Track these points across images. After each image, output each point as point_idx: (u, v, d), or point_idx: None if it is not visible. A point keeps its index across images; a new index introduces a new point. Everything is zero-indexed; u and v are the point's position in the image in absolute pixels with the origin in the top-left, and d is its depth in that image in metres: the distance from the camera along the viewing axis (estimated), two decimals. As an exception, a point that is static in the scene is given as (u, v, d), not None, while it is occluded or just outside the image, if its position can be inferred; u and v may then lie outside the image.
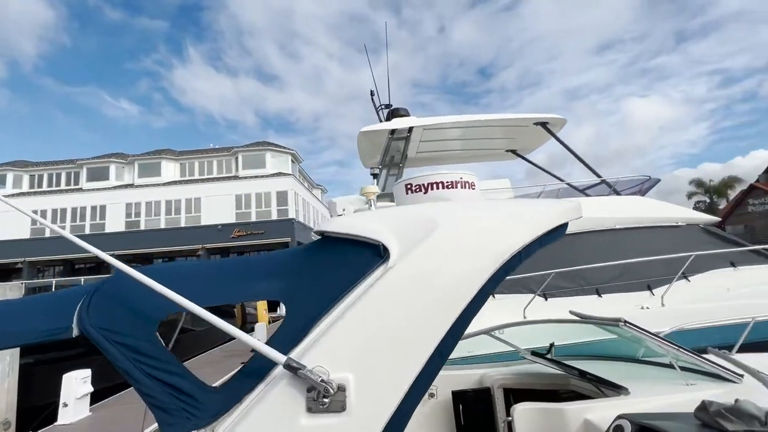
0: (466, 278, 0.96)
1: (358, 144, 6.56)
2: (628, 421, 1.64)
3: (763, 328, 3.49)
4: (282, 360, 0.88)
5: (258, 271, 1.30)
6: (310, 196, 28.21)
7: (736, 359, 1.68)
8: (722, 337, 3.59)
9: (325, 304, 1.03)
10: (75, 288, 1.35)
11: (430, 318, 0.93)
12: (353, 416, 0.85)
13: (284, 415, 0.87)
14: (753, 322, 3.35)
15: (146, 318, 1.11)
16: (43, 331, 1.14)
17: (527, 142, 7.45)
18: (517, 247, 1.01)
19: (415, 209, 1.22)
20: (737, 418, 1.37)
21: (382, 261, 1.05)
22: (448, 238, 1.03)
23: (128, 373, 1.00)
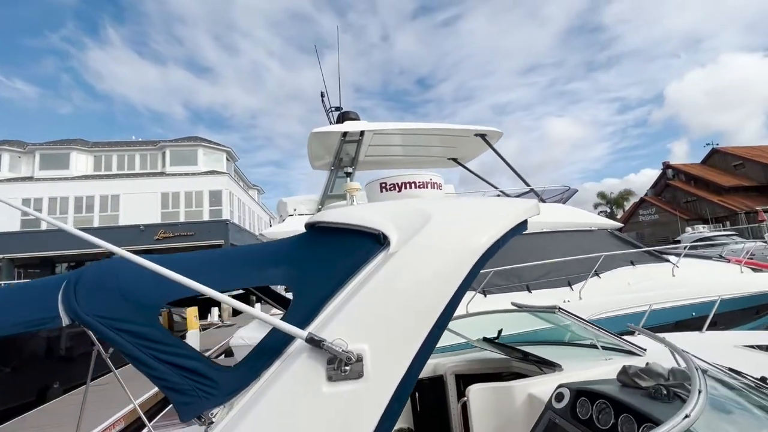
0: (459, 262, 1.13)
1: (308, 145, 6.54)
2: (567, 388, 1.95)
3: (658, 314, 4.26)
4: (304, 335, 0.96)
5: (261, 258, 1.35)
6: (246, 196, 26.87)
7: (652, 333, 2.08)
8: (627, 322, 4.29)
9: (332, 286, 1.13)
10: (47, 278, 1.28)
11: (431, 295, 1.08)
12: (370, 381, 0.97)
13: (306, 385, 0.95)
14: (650, 309, 4.05)
15: (146, 304, 1.12)
16: (26, 321, 1.09)
17: (467, 151, 8.01)
18: (496, 237, 1.21)
19: (406, 204, 1.37)
20: (649, 376, 1.73)
21: (383, 248, 1.18)
22: (442, 227, 1.19)
23: (136, 358, 1.00)
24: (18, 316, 1.09)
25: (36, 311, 1.11)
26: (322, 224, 1.39)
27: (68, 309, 1.06)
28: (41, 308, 1.11)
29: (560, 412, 1.88)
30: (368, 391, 0.97)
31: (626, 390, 1.74)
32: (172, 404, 0.98)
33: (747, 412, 1.52)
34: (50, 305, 1.10)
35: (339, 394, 0.95)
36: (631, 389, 1.74)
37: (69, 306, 1.07)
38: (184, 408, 0.96)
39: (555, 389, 2.01)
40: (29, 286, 1.25)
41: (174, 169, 22.53)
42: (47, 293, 1.14)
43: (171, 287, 1.16)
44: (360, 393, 0.96)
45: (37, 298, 1.16)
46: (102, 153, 23.11)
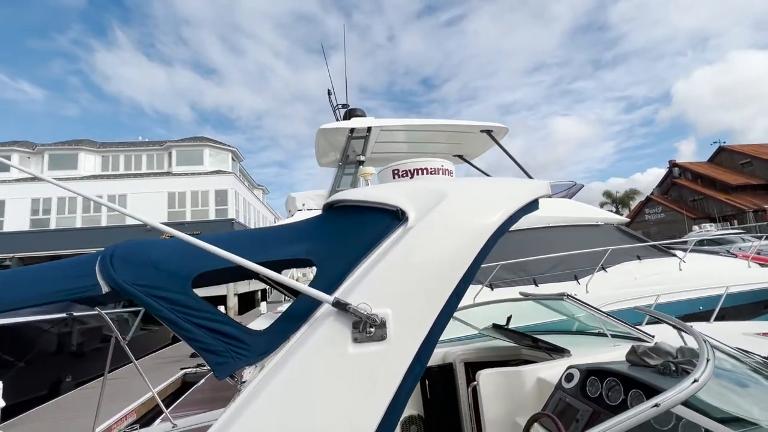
0: (474, 237, 1.18)
1: (316, 141, 6.61)
2: (576, 368, 2.00)
3: (664, 308, 4.28)
4: (330, 299, 1.02)
5: (285, 235, 1.42)
6: (251, 196, 27.05)
7: (658, 313, 2.12)
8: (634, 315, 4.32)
9: (354, 258, 1.19)
10: (82, 255, 1.35)
11: (448, 266, 1.13)
12: (392, 343, 1.02)
13: (333, 346, 1.01)
14: (656, 302, 4.07)
15: (180, 274, 1.18)
16: (67, 289, 1.16)
17: (473, 147, 8.04)
18: (508, 214, 1.26)
19: (421, 183, 1.43)
20: (657, 355, 1.78)
21: (401, 223, 1.24)
22: (458, 203, 1.25)
23: (173, 322, 1.07)
24: (59, 285, 1.16)
25: (75, 280, 1.18)
26: (342, 203, 1.45)
27: (107, 278, 1.13)
28: (81, 278, 1.18)
29: (570, 392, 1.93)
30: (391, 353, 1.02)
31: (635, 368, 1.78)
32: (207, 365, 1.04)
33: (754, 384, 1.56)
34: (88, 275, 1.18)
35: (364, 354, 1.01)
36: (640, 367, 1.78)
37: (107, 275, 1.14)
38: (219, 367, 1.02)
39: (564, 370, 2.05)
40: (66, 261, 1.32)
41: (180, 169, 22.73)
42: (84, 266, 1.22)
43: (203, 258, 1.24)
44: (383, 354, 1.02)
45: (75, 270, 1.23)
46: (110, 153, 23.37)
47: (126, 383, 7.41)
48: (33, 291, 1.16)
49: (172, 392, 7.41)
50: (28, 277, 1.25)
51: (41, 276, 1.23)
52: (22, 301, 1.14)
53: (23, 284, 1.19)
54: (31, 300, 1.15)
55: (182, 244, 1.31)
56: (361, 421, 0.97)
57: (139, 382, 7.15)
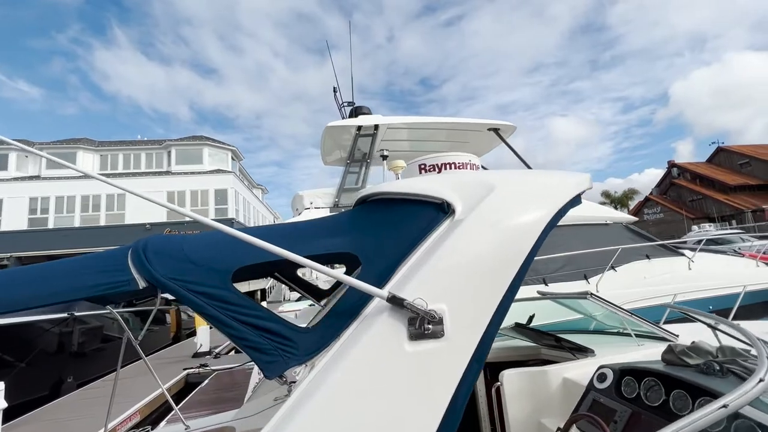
0: (527, 230, 1.13)
1: (322, 139, 6.55)
2: (609, 368, 1.94)
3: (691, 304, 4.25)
4: (385, 294, 0.96)
5: (322, 229, 1.36)
6: (250, 195, 26.96)
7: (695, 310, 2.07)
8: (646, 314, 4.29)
9: (401, 251, 1.13)
10: (112, 249, 1.29)
11: (504, 261, 1.08)
12: (450, 341, 0.97)
13: (389, 344, 0.95)
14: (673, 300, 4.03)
15: (218, 268, 1.12)
16: (102, 284, 1.10)
17: (479, 145, 8.00)
18: (557, 208, 1.21)
19: (465, 174, 1.37)
20: (696, 354, 1.72)
21: (448, 215, 1.18)
22: (506, 196, 1.19)
23: (216, 319, 1.01)
24: (93, 280, 1.10)
25: (109, 275, 1.12)
26: (380, 196, 1.39)
27: (143, 272, 1.07)
28: (114, 272, 1.12)
29: (604, 392, 1.87)
30: (449, 351, 0.97)
31: (674, 368, 1.73)
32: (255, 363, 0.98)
33: None
34: (122, 270, 1.12)
35: (421, 352, 0.95)
36: (679, 367, 1.73)
37: (143, 269, 1.08)
38: (268, 366, 0.96)
39: (596, 370, 2.00)
40: (96, 255, 1.26)
41: (180, 168, 22.61)
42: (117, 260, 1.16)
43: (242, 251, 1.18)
44: (441, 352, 0.96)
45: (108, 264, 1.17)
46: (108, 152, 23.22)
47: (128, 384, 7.32)
48: (67, 285, 1.10)
49: (176, 393, 7.32)
50: (59, 271, 1.18)
51: (71, 270, 1.17)
52: (57, 295, 1.08)
53: (56, 278, 1.13)
54: (66, 294, 1.09)
55: (218, 238, 1.26)
56: (420, 423, 0.91)
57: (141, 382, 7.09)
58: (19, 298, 1.05)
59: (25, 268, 1.21)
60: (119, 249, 1.24)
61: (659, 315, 4.42)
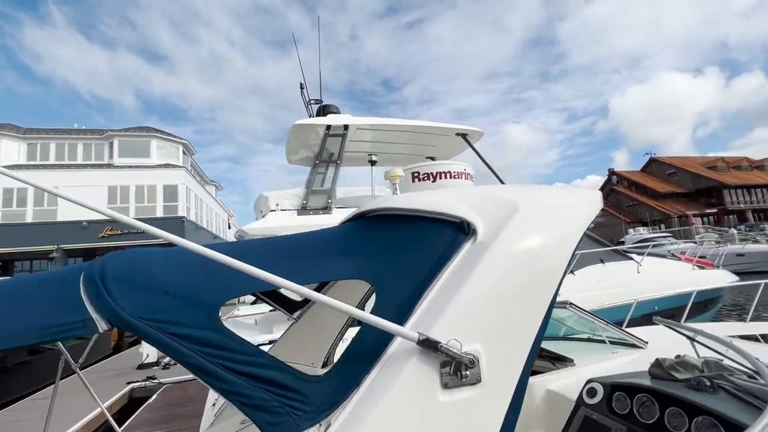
0: (558, 256, 1.04)
1: (288, 137, 6.23)
2: (599, 383, 1.94)
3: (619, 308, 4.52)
4: (415, 337, 0.82)
5: (329, 248, 1.18)
6: (203, 192, 25.43)
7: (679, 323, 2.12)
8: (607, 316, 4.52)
9: (421, 281, 1.00)
10: (55, 272, 1.03)
11: (537, 291, 0.98)
12: (487, 387, 0.85)
13: (422, 394, 0.82)
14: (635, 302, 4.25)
15: (202, 302, 0.92)
16: (51, 327, 0.85)
17: (446, 150, 8.06)
18: (582, 231, 1.14)
19: (481, 190, 1.26)
20: (684, 369, 1.75)
21: (469, 237, 1.06)
22: (533, 218, 1.09)
23: (203, 369, 0.81)
24: (37, 322, 0.85)
25: (59, 314, 0.87)
26: (390, 212, 1.24)
27: (103, 310, 0.85)
28: (65, 310, 0.88)
29: (596, 408, 1.86)
30: (487, 399, 0.85)
31: (663, 383, 1.75)
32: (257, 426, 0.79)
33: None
34: (75, 306, 0.88)
35: (457, 402, 0.83)
36: (667, 381, 1.76)
37: (103, 306, 0.85)
38: (273, 429, 0.78)
39: (585, 385, 1.99)
40: (34, 281, 0.99)
41: (123, 161, 20.78)
42: (66, 291, 0.91)
43: (233, 278, 0.98)
44: (479, 401, 0.84)
45: (54, 297, 0.92)
46: (37, 141, 20.80)
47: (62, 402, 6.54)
48: (3, 329, 0.84)
49: (118, 411, 6.64)
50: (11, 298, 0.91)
51: (4, 308, 0.90)
52: None
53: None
54: (3, 341, 0.83)
55: (196, 258, 1.04)
56: None
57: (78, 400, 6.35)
58: None
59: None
60: (66, 272, 0.99)
61: (620, 316, 4.67)
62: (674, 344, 2.41)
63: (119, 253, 1.04)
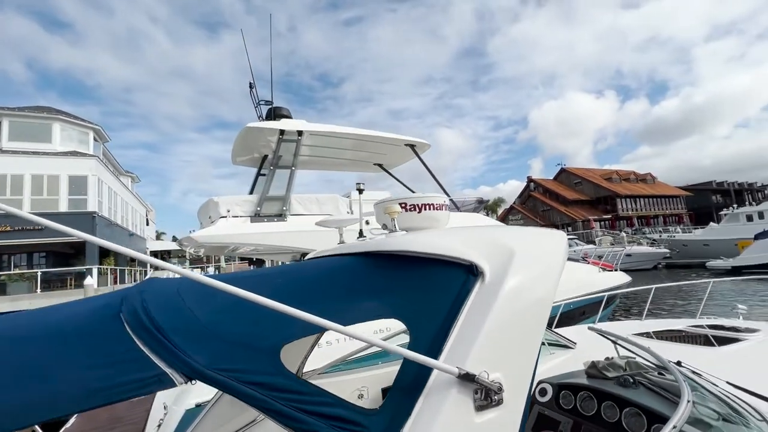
0: (548, 291, 1.31)
1: (238, 138, 5.98)
2: (548, 383, 2.32)
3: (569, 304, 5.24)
4: (456, 372, 1.01)
5: (361, 286, 1.30)
6: (118, 184, 22.72)
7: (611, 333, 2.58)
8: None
9: (445, 319, 1.19)
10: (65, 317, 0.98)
11: (537, 322, 1.23)
12: (508, 406, 1.07)
13: (462, 419, 1.01)
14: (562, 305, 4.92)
15: (264, 348, 1.01)
16: (121, 385, 0.86)
17: (394, 159, 8.37)
18: (562, 267, 1.42)
19: (481, 232, 1.48)
20: (612, 369, 2.19)
21: (477, 278, 1.28)
22: (528, 260, 1.34)
23: (283, 414, 0.91)
24: (101, 381, 0.85)
25: (121, 370, 0.88)
26: (402, 253, 1.40)
27: (178, 364, 0.89)
28: (125, 365, 0.89)
29: (547, 405, 2.23)
30: (508, 416, 1.07)
31: (598, 381, 2.17)
32: None
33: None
34: (137, 360, 0.90)
35: (487, 422, 1.03)
36: (600, 380, 2.18)
37: (178, 360, 0.90)
38: None
39: (537, 385, 2.36)
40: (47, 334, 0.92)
41: (15, 146, 17.71)
42: (113, 345, 0.92)
43: (283, 324, 1.06)
44: (502, 419, 1.06)
45: (99, 351, 0.91)
46: None
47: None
48: (62, 392, 0.82)
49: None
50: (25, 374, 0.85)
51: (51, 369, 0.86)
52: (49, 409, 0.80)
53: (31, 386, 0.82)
54: (63, 407, 0.82)
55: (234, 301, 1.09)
56: None
57: None
58: None
59: None
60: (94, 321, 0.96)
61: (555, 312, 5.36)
62: (597, 342, 2.92)
63: (147, 294, 1.04)
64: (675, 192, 52.27)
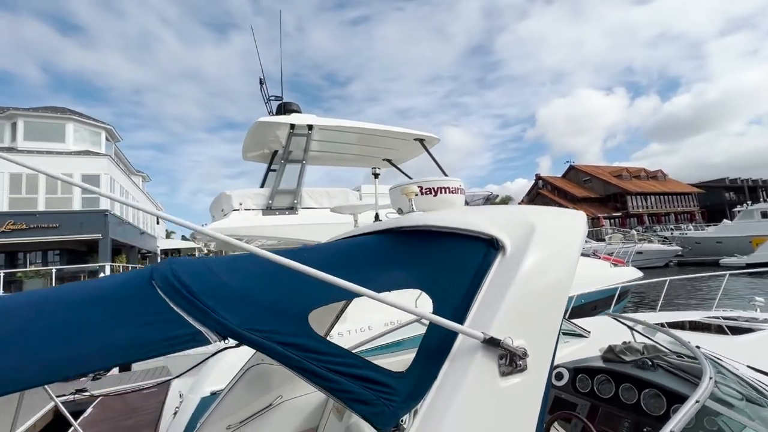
0: (568, 266, 1.31)
1: (249, 133, 6.03)
2: (564, 368, 2.31)
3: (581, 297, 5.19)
4: (481, 336, 1.02)
5: (379, 260, 1.32)
6: (129, 183, 23.09)
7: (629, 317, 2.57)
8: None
9: (468, 289, 1.20)
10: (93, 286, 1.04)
11: (558, 294, 1.23)
12: (531, 374, 1.08)
13: (487, 383, 1.02)
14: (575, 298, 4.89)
15: (295, 313, 1.03)
16: (157, 342, 0.89)
17: (403, 153, 8.37)
18: (581, 243, 1.42)
19: (501, 212, 1.49)
20: (630, 353, 2.18)
21: (498, 251, 1.29)
22: (548, 235, 1.35)
23: (314, 373, 0.93)
24: (134, 337, 0.88)
25: (159, 330, 0.92)
26: (425, 228, 1.42)
27: (211, 323, 0.92)
28: (162, 325, 0.93)
29: (563, 389, 2.23)
30: (531, 383, 1.07)
31: (615, 364, 2.16)
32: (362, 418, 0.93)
33: None
34: (173, 320, 0.93)
35: (512, 387, 1.04)
36: (618, 363, 2.17)
37: (210, 319, 0.92)
38: (379, 418, 0.93)
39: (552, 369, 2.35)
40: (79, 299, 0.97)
41: (30, 145, 18.09)
42: (146, 305, 0.95)
43: (311, 290, 1.09)
44: (526, 385, 1.06)
45: (133, 313, 0.95)
46: None
47: None
48: (101, 345, 0.86)
49: (42, 428, 5.93)
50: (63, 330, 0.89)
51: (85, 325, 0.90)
52: (88, 362, 0.84)
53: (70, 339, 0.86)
54: (102, 359, 0.85)
55: (266, 271, 1.13)
56: None
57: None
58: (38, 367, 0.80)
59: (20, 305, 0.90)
60: (127, 288, 1.01)
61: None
62: (611, 332, 2.90)
63: (176, 264, 1.07)
64: (687, 189, 51.47)
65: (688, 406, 1.33)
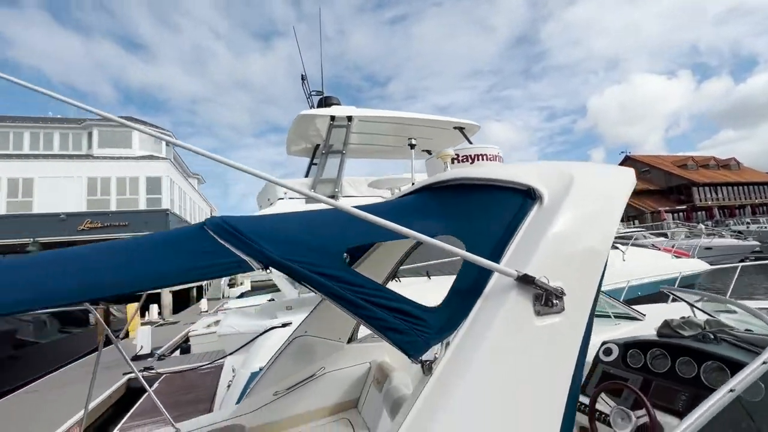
0: (611, 218, 1.25)
1: (292, 128, 6.30)
2: (614, 343, 2.18)
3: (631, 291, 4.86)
4: (514, 274, 1.01)
5: (420, 212, 1.36)
6: (187, 185, 24.93)
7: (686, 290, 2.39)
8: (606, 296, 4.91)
9: (502, 235, 1.18)
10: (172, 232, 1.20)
11: (600, 243, 1.18)
12: (568, 316, 1.05)
13: (522, 321, 1.00)
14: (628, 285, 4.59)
15: (330, 249, 1.09)
16: (207, 266, 1.01)
17: (441, 143, 8.27)
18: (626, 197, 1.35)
19: (540, 165, 1.45)
20: (689, 327, 2.01)
21: (535, 201, 1.26)
22: (589, 186, 1.29)
23: (349, 301, 0.97)
24: (196, 262, 1.00)
25: (209, 258, 1.03)
26: (464, 181, 1.42)
27: (254, 253, 1.00)
28: (211, 254, 1.03)
29: (612, 364, 2.11)
30: (569, 325, 1.04)
31: (673, 339, 2.00)
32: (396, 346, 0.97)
33: None
34: (220, 251, 1.03)
35: (548, 326, 1.02)
36: (676, 338, 2.01)
37: (253, 250, 1.00)
38: (411, 346, 0.96)
39: (600, 345, 2.23)
40: (167, 239, 1.13)
41: (104, 152, 20.13)
42: (198, 242, 1.06)
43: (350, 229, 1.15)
44: (563, 325, 1.03)
45: (189, 248, 1.07)
46: (9, 129, 19.89)
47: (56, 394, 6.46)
48: (172, 266, 1.00)
49: (116, 401, 6.60)
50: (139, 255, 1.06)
51: (159, 253, 1.06)
52: (163, 277, 0.98)
53: (147, 261, 1.01)
54: (173, 276, 0.99)
55: (311, 219, 1.21)
56: (555, 392, 0.98)
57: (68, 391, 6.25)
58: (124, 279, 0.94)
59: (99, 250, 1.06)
60: (182, 232, 1.15)
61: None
62: (670, 315, 2.69)
63: (226, 216, 1.18)
64: (765, 179, 45.95)
65: (755, 366, 1.22)
